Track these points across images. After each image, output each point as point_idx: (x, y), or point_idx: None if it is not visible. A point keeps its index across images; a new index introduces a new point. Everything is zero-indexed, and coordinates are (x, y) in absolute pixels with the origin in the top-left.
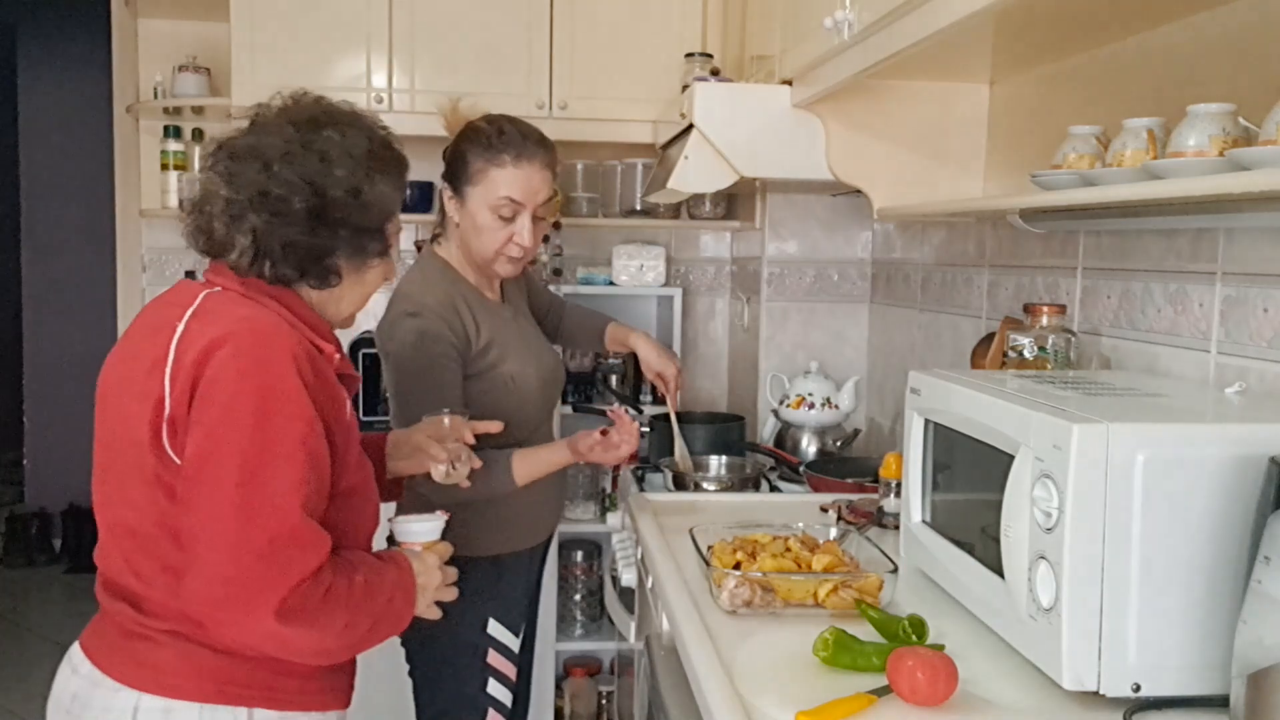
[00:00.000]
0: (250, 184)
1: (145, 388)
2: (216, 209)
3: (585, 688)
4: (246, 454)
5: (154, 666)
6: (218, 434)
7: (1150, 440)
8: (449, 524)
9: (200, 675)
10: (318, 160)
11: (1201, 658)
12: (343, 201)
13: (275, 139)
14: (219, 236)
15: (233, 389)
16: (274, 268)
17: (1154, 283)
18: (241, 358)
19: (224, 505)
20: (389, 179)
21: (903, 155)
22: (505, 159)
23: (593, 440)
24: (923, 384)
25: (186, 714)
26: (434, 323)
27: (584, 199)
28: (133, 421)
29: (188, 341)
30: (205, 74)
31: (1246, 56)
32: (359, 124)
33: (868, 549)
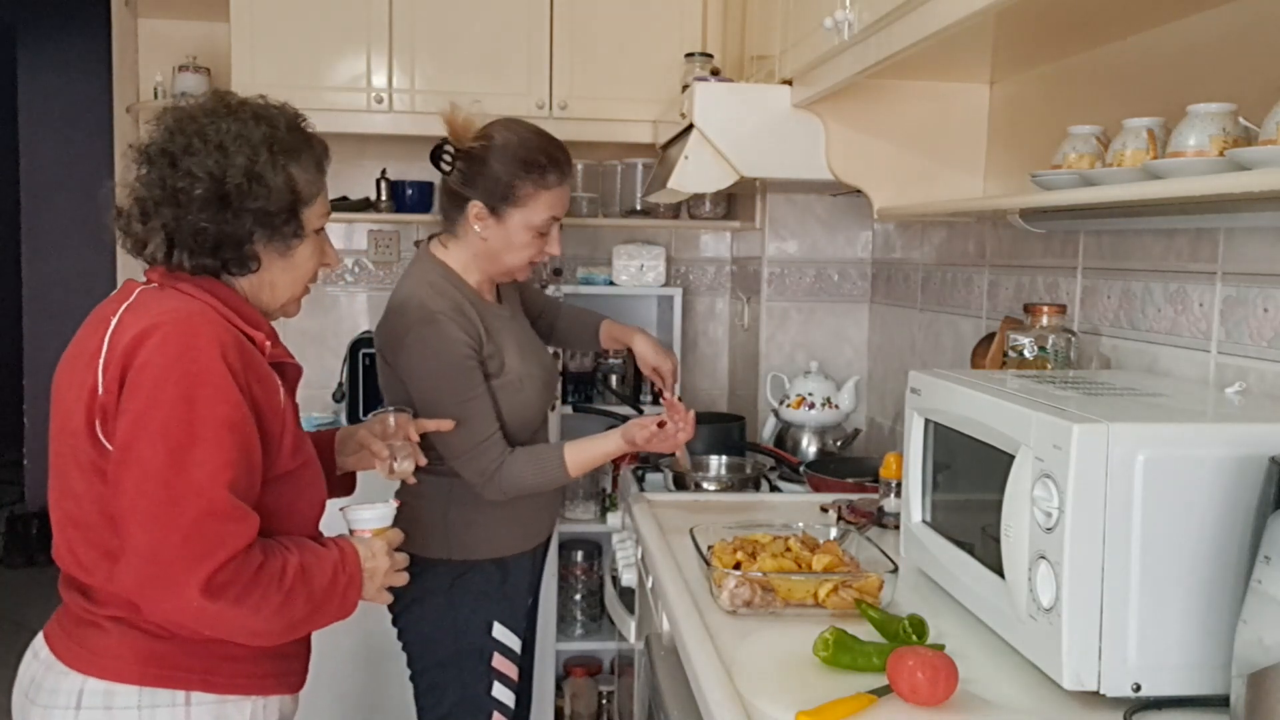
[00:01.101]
0: (156, 181)
1: (82, 379)
2: (134, 211)
3: (585, 688)
4: (172, 436)
5: (98, 651)
6: (144, 418)
7: (1150, 440)
8: (454, 527)
9: (140, 659)
10: (216, 150)
11: (1201, 658)
12: (244, 187)
13: (180, 137)
14: (137, 235)
15: (158, 375)
16: (191, 257)
17: (1154, 283)
18: (168, 345)
19: (150, 486)
20: (296, 163)
21: (903, 155)
22: (551, 181)
23: (649, 432)
24: (923, 384)
25: (126, 697)
26: (452, 328)
27: (584, 199)
28: (72, 413)
29: (120, 333)
30: (205, 74)
31: (1246, 56)
32: (264, 114)
33: (868, 549)
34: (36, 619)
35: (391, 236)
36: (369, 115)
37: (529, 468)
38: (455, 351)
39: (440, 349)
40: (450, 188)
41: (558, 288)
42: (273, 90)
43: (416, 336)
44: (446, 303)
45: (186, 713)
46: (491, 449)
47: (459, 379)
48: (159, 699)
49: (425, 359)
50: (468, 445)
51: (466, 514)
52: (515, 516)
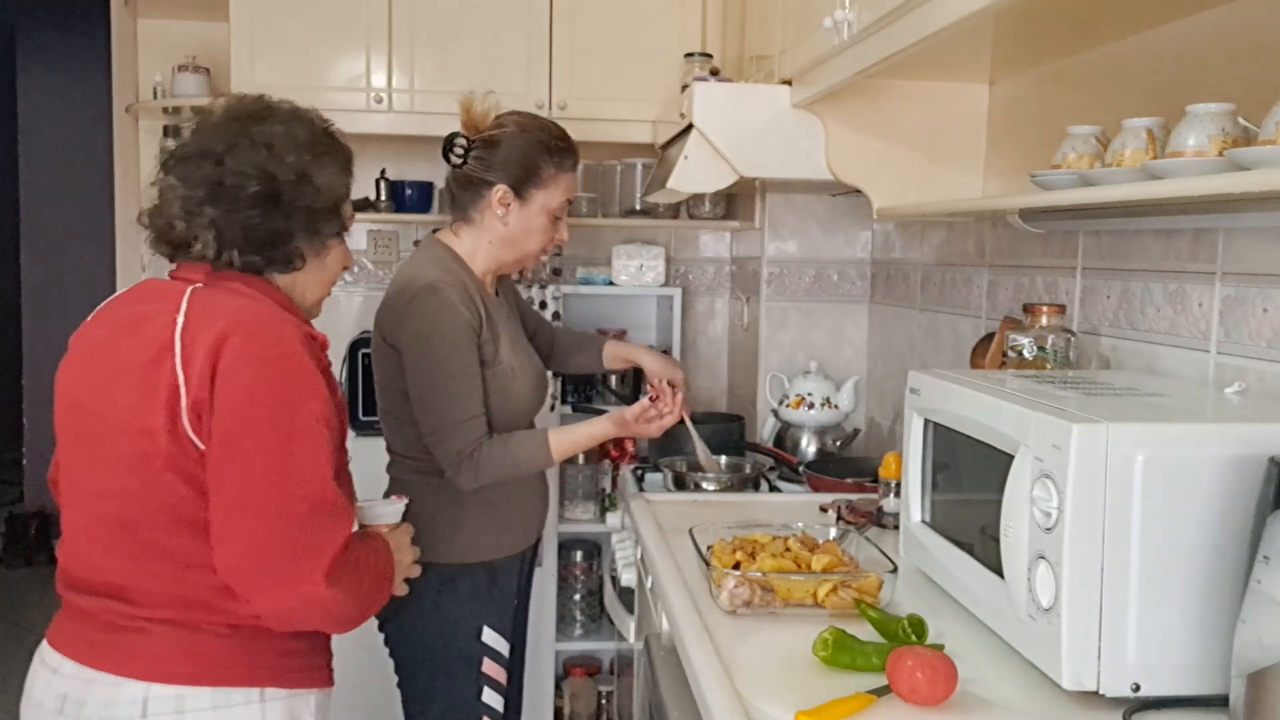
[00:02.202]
0: (203, 179)
1: (150, 379)
2: (174, 209)
3: (585, 688)
4: (277, 431)
5: (155, 656)
6: (245, 415)
7: (1150, 440)
8: (442, 531)
9: (207, 659)
10: (265, 149)
11: (1201, 657)
12: (293, 185)
13: (221, 136)
14: (179, 234)
15: (254, 373)
16: (240, 255)
17: (1154, 283)
18: (254, 343)
19: (261, 480)
20: (335, 165)
21: (902, 155)
22: (569, 164)
23: (641, 408)
24: (922, 384)
25: (198, 699)
26: (455, 299)
27: (584, 199)
28: (132, 412)
29: (193, 332)
30: (205, 74)
31: (1246, 56)
32: (300, 116)
33: (867, 549)
34: (36, 618)
35: (391, 236)
36: (368, 115)
37: (510, 450)
38: (455, 324)
39: (440, 318)
40: (468, 176)
41: (557, 287)
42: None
43: (419, 304)
44: (453, 279)
45: (262, 709)
46: (471, 430)
47: (453, 352)
48: (234, 698)
49: (424, 325)
50: (448, 421)
51: (454, 518)
52: (503, 520)
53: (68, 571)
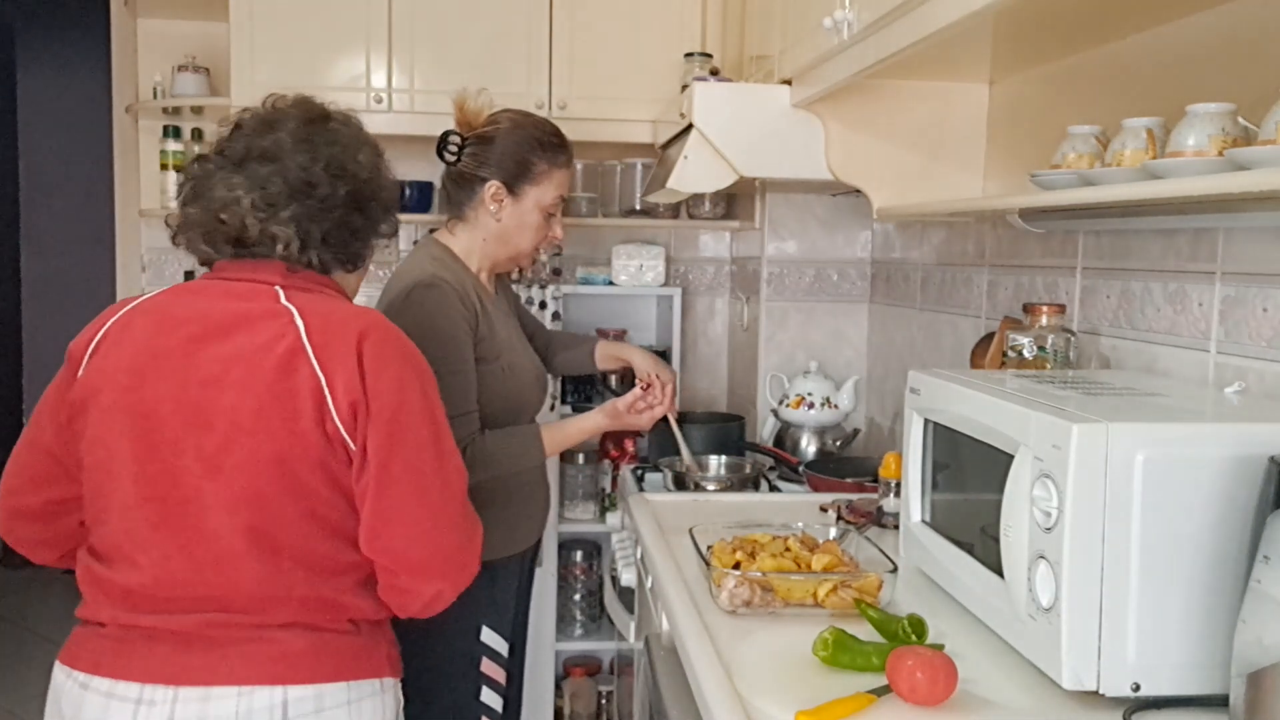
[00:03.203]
0: (276, 178)
1: (283, 383)
2: (244, 209)
3: (585, 688)
4: (430, 425)
5: (289, 659)
6: (401, 413)
7: (1150, 440)
8: None
9: (338, 656)
10: (338, 148)
11: (1201, 657)
12: (367, 184)
13: (283, 135)
14: (253, 235)
15: (398, 372)
16: (319, 253)
17: (1153, 282)
18: (391, 343)
19: (428, 473)
20: (388, 166)
21: (902, 155)
22: (562, 160)
23: (630, 400)
24: (922, 384)
25: (335, 695)
26: (451, 295)
27: (583, 199)
28: (263, 417)
29: (321, 335)
30: (204, 74)
31: (1246, 56)
32: (354, 119)
33: (867, 549)
34: (36, 619)
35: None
36: (368, 115)
37: (502, 445)
38: (449, 320)
39: (435, 313)
40: (462, 173)
41: (557, 287)
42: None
43: (414, 300)
44: (450, 275)
45: (382, 699)
46: (463, 426)
47: (447, 347)
48: (363, 690)
49: (419, 320)
50: None
51: None
52: (505, 521)
53: (149, 594)
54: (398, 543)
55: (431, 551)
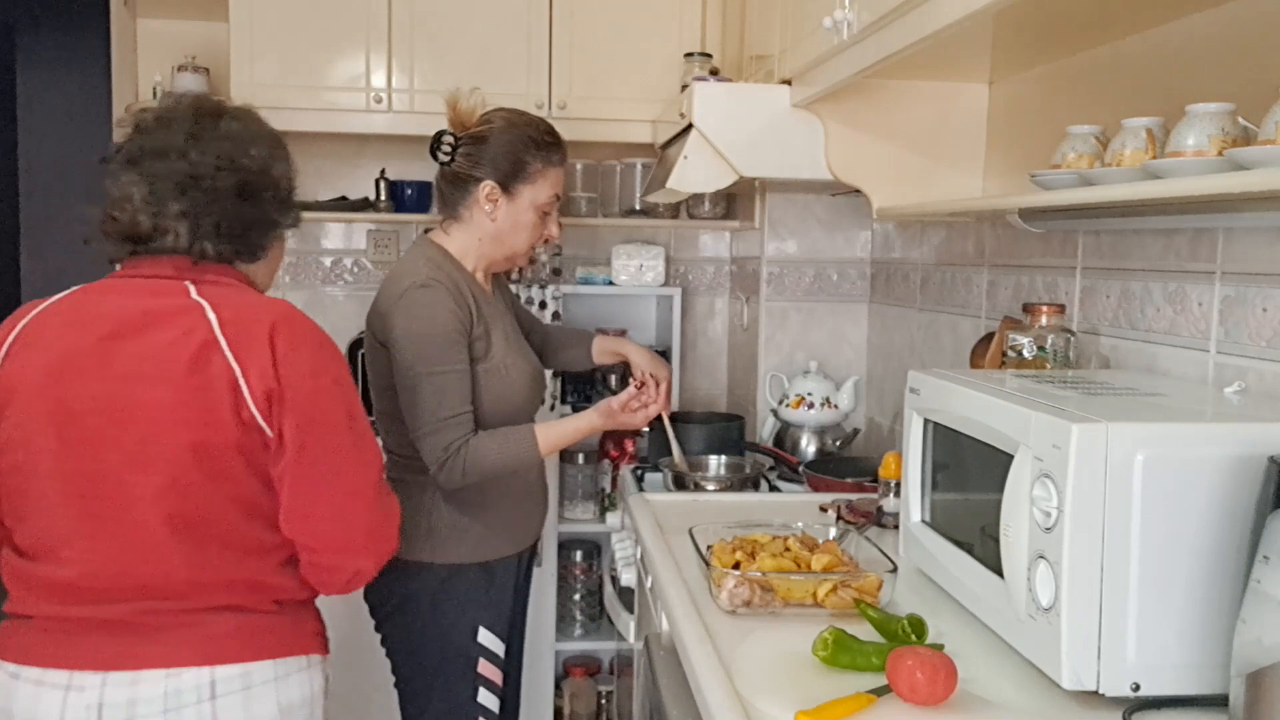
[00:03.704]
0: (170, 173)
1: (198, 375)
2: (136, 204)
3: (585, 688)
4: (344, 410)
5: (216, 640)
6: (316, 400)
7: (1150, 440)
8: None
9: (265, 636)
10: (229, 143)
11: (1201, 657)
12: (260, 176)
13: (179, 132)
14: (144, 230)
15: (312, 360)
16: (214, 245)
17: (1153, 282)
18: (303, 332)
19: (345, 456)
20: (287, 160)
21: (902, 155)
22: (556, 159)
23: (624, 399)
24: (922, 384)
25: (263, 672)
26: (444, 295)
27: (583, 199)
28: (182, 408)
29: (233, 326)
30: (204, 74)
31: (1246, 56)
32: (252, 114)
33: (867, 549)
34: None
35: (390, 236)
36: (368, 115)
37: (496, 446)
38: (443, 319)
39: (430, 314)
40: (456, 173)
41: (557, 287)
42: (272, 90)
43: (408, 300)
44: (445, 276)
45: (309, 675)
46: (457, 426)
47: (440, 347)
48: (290, 667)
49: (412, 320)
50: (435, 417)
51: (452, 517)
52: (501, 521)
53: (79, 586)
54: (316, 523)
55: (349, 530)
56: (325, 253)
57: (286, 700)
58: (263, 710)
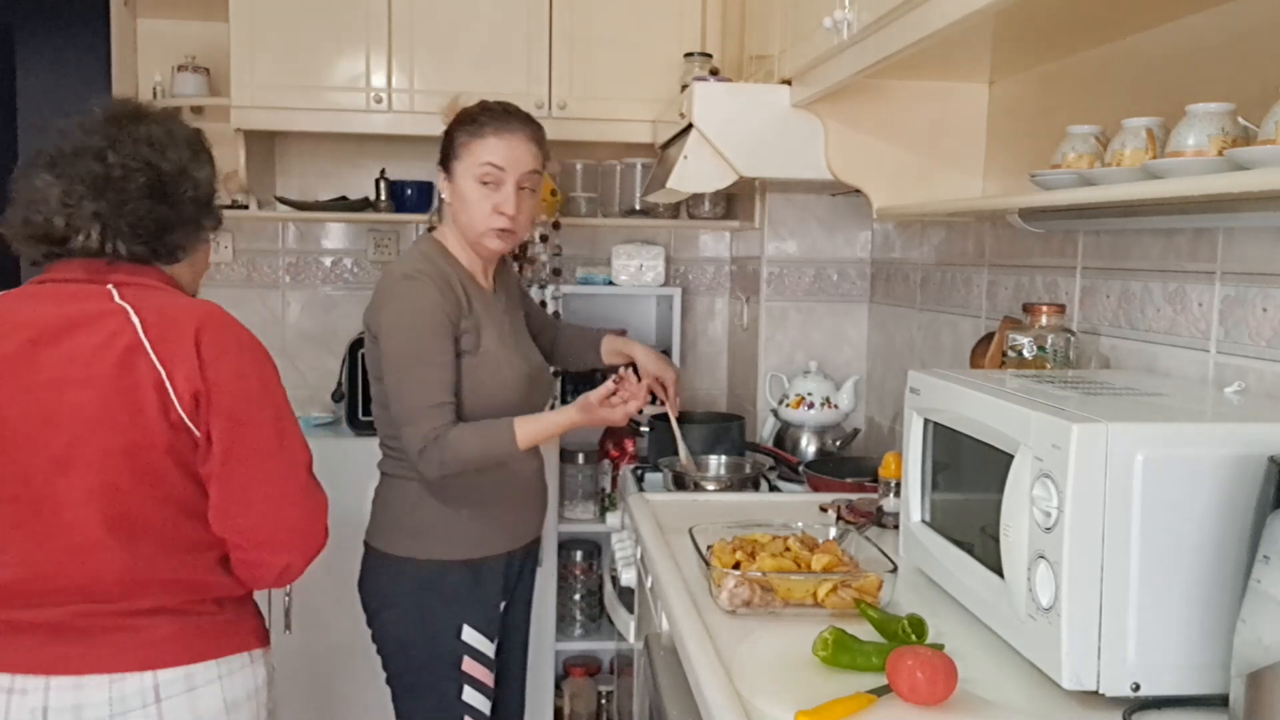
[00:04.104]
0: (85, 174)
1: (125, 378)
2: (52, 205)
3: (585, 688)
4: (270, 408)
5: (157, 644)
6: (242, 399)
7: (1150, 440)
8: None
9: (206, 635)
10: (147, 146)
11: (1201, 657)
12: (176, 178)
13: (99, 135)
14: (58, 231)
15: (237, 360)
16: (128, 245)
17: (1153, 282)
18: (229, 333)
19: (270, 453)
20: (208, 163)
21: (902, 155)
22: (486, 131)
23: (604, 392)
24: (922, 384)
25: (207, 672)
26: (429, 287)
27: (583, 199)
28: (109, 411)
29: (158, 329)
30: (204, 74)
31: (1246, 56)
32: (174, 118)
33: (867, 549)
34: None
35: (390, 236)
36: (368, 115)
37: (474, 436)
38: (428, 311)
39: (414, 305)
40: None
41: (557, 287)
42: (272, 90)
43: (394, 292)
44: (433, 269)
45: (253, 671)
46: (437, 416)
47: (424, 338)
48: (234, 664)
49: (398, 312)
50: (416, 406)
51: (439, 514)
52: (490, 518)
53: (16, 589)
54: (244, 520)
55: (276, 526)
56: (325, 253)
57: (231, 697)
58: (208, 708)
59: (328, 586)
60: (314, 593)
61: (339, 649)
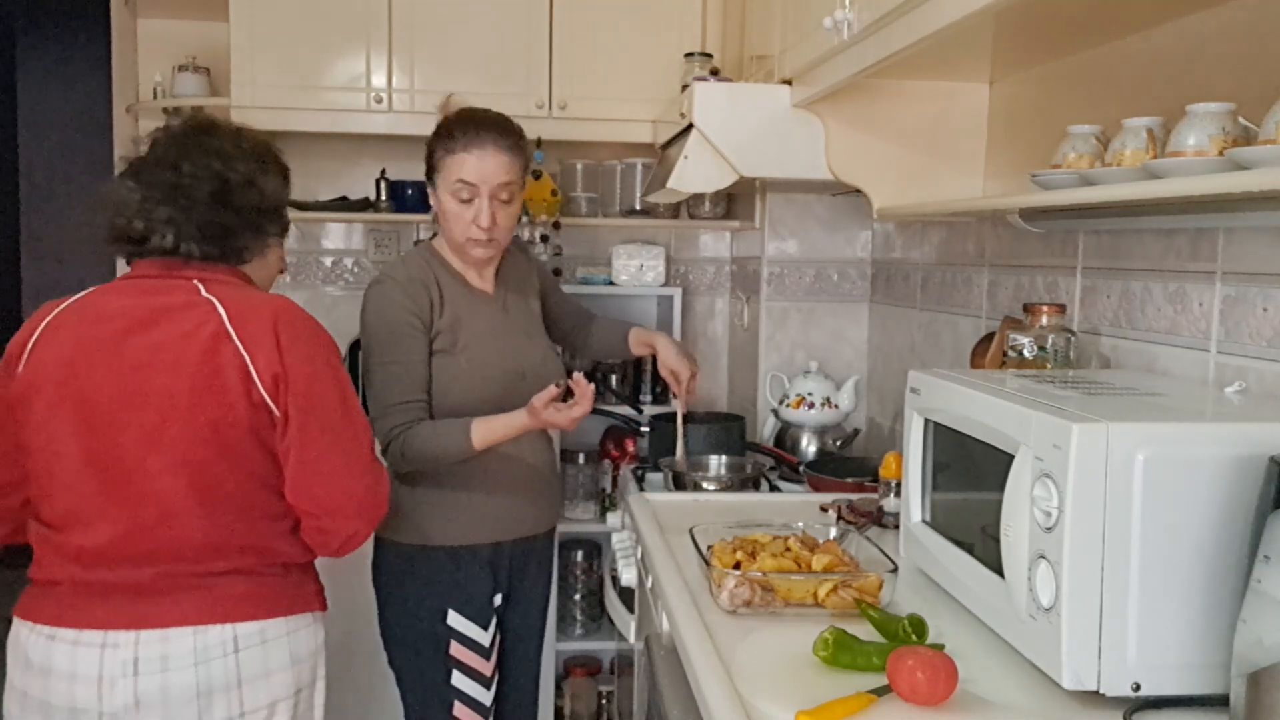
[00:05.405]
0: (161, 183)
1: (211, 362)
2: (132, 210)
3: (585, 688)
4: (338, 390)
5: (235, 600)
6: (314, 381)
7: (1150, 440)
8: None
9: (275, 595)
10: (216, 157)
11: (1201, 657)
12: (243, 186)
13: (175, 147)
14: (137, 233)
15: (308, 347)
16: (199, 246)
17: (1153, 282)
18: (301, 322)
19: (339, 431)
20: (278, 174)
21: (903, 155)
22: (456, 146)
23: (546, 397)
24: (922, 384)
25: (276, 628)
26: (393, 289)
27: (584, 199)
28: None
29: (240, 319)
30: (205, 74)
31: (1246, 56)
32: (244, 132)
33: (867, 549)
34: None
35: (391, 236)
36: (368, 115)
37: (431, 435)
38: (392, 313)
39: (379, 308)
40: None
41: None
42: (272, 90)
43: (369, 295)
44: (405, 272)
45: (315, 630)
46: (401, 414)
47: (388, 340)
48: (299, 623)
49: (365, 314)
50: (382, 403)
51: (418, 497)
52: (464, 508)
53: (108, 552)
54: (318, 489)
55: (346, 495)
56: (325, 253)
57: (296, 652)
58: (277, 661)
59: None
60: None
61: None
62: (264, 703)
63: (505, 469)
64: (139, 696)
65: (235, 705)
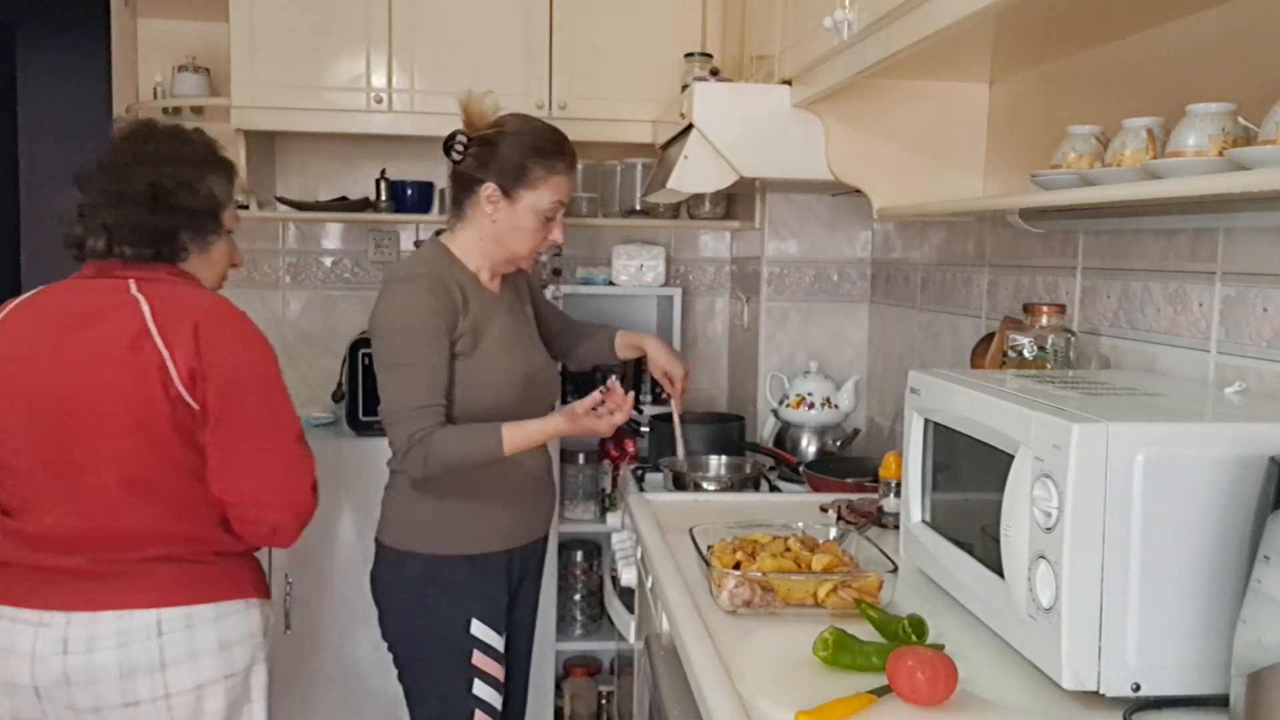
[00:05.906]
0: (98, 190)
1: (135, 359)
2: (74, 217)
3: (585, 688)
4: (261, 385)
5: (162, 587)
6: (235, 376)
7: (1150, 440)
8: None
9: (206, 582)
10: (149, 163)
11: (1201, 657)
12: (175, 190)
13: (116, 155)
14: (77, 236)
15: (235, 343)
16: (132, 249)
17: (1154, 282)
18: (226, 320)
19: (259, 423)
20: (216, 176)
21: (902, 155)
22: (560, 167)
23: (591, 402)
24: (922, 384)
25: (204, 614)
26: (420, 289)
27: (584, 199)
28: (123, 387)
29: (164, 317)
30: (205, 74)
31: (1246, 56)
32: (181, 136)
33: (867, 549)
34: None
35: (390, 236)
36: (368, 115)
37: (460, 439)
38: (419, 313)
39: (405, 306)
40: (463, 173)
41: (557, 288)
42: (272, 90)
43: (388, 294)
44: (429, 271)
45: (248, 616)
46: (425, 417)
47: (414, 340)
48: (229, 609)
49: (388, 312)
50: (403, 407)
51: (437, 507)
52: (488, 514)
53: (46, 538)
54: (238, 479)
55: (265, 486)
56: (325, 253)
57: (226, 637)
58: (204, 645)
59: (332, 586)
60: (317, 592)
61: (343, 647)
62: (189, 685)
63: (516, 474)
64: (68, 674)
65: (159, 686)
